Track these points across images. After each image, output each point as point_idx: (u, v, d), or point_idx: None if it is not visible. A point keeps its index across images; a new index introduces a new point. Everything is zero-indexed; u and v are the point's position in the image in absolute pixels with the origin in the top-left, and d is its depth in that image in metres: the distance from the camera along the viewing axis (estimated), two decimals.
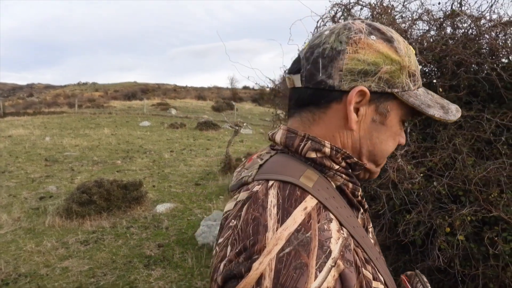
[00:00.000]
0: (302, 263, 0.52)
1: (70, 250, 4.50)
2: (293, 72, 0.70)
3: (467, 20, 2.25)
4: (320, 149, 0.67)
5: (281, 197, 0.59)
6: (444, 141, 2.13)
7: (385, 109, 0.68)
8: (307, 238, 0.54)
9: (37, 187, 7.30)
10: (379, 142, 0.70)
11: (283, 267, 0.52)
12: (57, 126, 16.97)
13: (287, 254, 0.53)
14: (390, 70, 0.65)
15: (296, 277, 0.51)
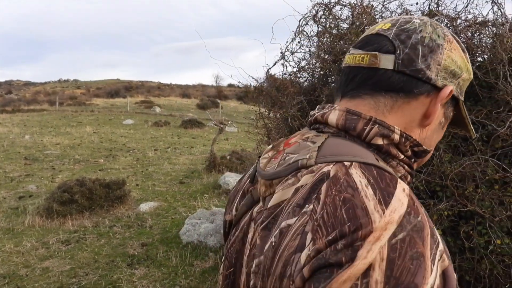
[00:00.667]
0: (419, 253, 0.45)
1: (50, 250, 4.42)
2: (383, 51, 0.61)
3: (444, 20, 2.30)
4: (389, 135, 0.61)
5: (371, 177, 0.52)
6: None
7: (449, 114, 0.67)
8: (420, 223, 0.47)
9: (16, 186, 7.14)
10: (433, 144, 0.68)
11: (397, 257, 0.44)
12: (37, 124, 16.63)
13: (400, 241, 0.45)
14: (465, 78, 0.65)
15: (414, 269, 0.43)
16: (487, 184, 2.06)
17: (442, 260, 0.47)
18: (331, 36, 2.57)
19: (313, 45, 2.73)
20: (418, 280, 0.43)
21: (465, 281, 2.11)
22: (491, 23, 2.18)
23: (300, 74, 2.80)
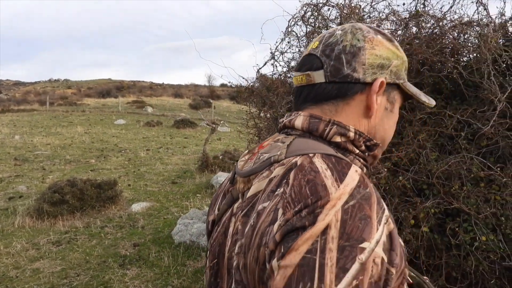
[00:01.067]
0: (366, 215, 0.55)
1: (41, 251, 4.39)
2: (313, 69, 0.74)
3: (430, 20, 2.34)
4: (346, 133, 0.72)
5: (330, 163, 0.63)
6: (410, 137, 2.21)
7: (393, 98, 0.77)
8: (367, 193, 0.58)
9: (6, 187, 7.07)
10: (389, 128, 0.78)
11: (349, 218, 0.55)
12: (27, 124, 16.46)
13: (351, 206, 0.56)
14: (397, 64, 0.75)
15: (362, 227, 0.54)
16: (473, 182, 2.10)
17: (388, 224, 0.58)
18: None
19: (303, 45, 2.75)
20: (365, 235, 0.54)
21: (452, 278, 2.15)
22: (476, 23, 2.22)
23: (290, 74, 2.82)
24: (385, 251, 0.55)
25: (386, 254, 0.55)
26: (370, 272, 0.53)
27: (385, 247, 0.56)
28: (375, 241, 0.54)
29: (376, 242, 0.54)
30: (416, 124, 2.22)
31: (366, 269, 0.53)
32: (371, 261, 0.53)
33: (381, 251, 0.55)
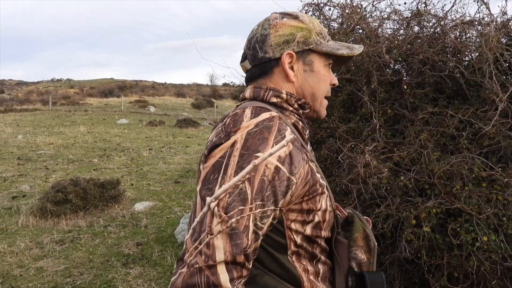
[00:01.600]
0: (264, 137, 0.80)
1: (45, 250, 4.41)
2: (243, 60, 1.01)
3: (432, 19, 2.34)
4: (279, 95, 0.95)
5: (254, 110, 0.86)
6: (411, 137, 2.21)
7: (309, 60, 0.97)
8: (270, 124, 0.82)
9: (9, 187, 7.10)
10: (314, 84, 0.98)
11: (250, 137, 0.79)
12: (30, 123, 16.52)
13: (254, 131, 0.80)
14: (302, 35, 0.95)
15: (258, 143, 0.79)
16: (474, 182, 2.10)
17: (288, 146, 0.81)
18: None
19: None
20: (260, 148, 0.78)
21: (454, 278, 2.15)
22: (477, 22, 2.22)
23: None
24: (283, 163, 0.79)
25: (283, 165, 0.79)
26: (262, 172, 0.77)
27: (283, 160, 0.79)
28: (268, 153, 0.78)
29: (270, 154, 0.78)
30: (417, 124, 2.22)
31: (258, 169, 0.77)
32: (263, 165, 0.77)
33: (274, 161, 0.78)
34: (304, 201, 0.87)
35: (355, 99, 2.54)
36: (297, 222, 0.88)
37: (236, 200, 0.75)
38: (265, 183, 0.77)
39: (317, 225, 0.91)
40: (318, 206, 0.89)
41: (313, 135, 2.65)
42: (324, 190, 0.91)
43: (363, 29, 2.58)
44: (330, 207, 0.94)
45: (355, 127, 2.43)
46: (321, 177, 0.93)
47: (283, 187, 0.79)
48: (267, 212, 0.78)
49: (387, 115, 2.39)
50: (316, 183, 0.88)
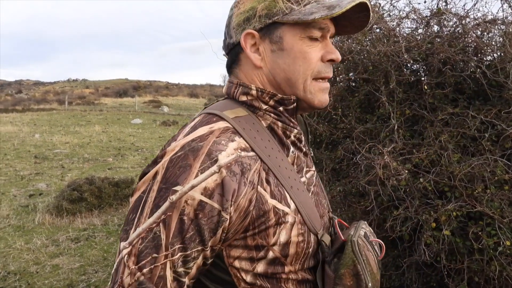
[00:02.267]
0: (187, 164, 0.66)
1: (60, 248, 4.47)
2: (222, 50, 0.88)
3: (453, 18, 2.29)
4: (249, 92, 0.78)
5: (199, 121, 0.74)
6: (431, 138, 2.16)
7: (277, 37, 0.77)
8: (198, 146, 0.67)
9: (27, 185, 7.23)
10: (287, 66, 0.77)
11: (171, 166, 0.67)
12: (47, 123, 16.81)
13: (177, 156, 0.67)
14: (265, 6, 0.76)
15: (179, 173, 0.65)
16: (497, 185, 2.04)
17: (221, 173, 0.66)
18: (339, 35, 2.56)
19: None
20: (180, 180, 0.65)
21: (474, 283, 2.09)
22: (500, 21, 2.16)
23: None
24: (210, 196, 0.65)
25: (211, 198, 0.65)
26: (181, 210, 0.64)
27: (210, 192, 0.65)
28: (189, 186, 0.64)
29: (191, 187, 0.64)
30: (437, 125, 2.17)
31: (176, 207, 0.64)
32: (183, 201, 0.64)
33: (197, 195, 0.64)
34: (248, 237, 0.70)
35: (372, 99, 2.50)
36: (242, 259, 0.72)
37: (150, 246, 0.64)
38: (185, 224, 0.64)
39: (275, 261, 0.73)
40: (272, 240, 0.71)
41: (329, 136, 2.62)
42: (285, 219, 0.72)
43: (380, 29, 2.54)
44: (302, 237, 0.74)
45: (372, 128, 2.39)
46: (285, 202, 0.73)
47: (211, 224, 0.65)
48: (191, 255, 0.66)
49: (405, 116, 2.35)
50: (266, 213, 0.70)
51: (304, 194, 0.77)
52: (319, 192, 0.85)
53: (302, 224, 0.74)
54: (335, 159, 2.57)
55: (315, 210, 0.79)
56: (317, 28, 0.76)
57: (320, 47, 0.78)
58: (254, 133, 0.74)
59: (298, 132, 0.80)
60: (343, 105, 2.54)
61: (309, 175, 0.84)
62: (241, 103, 0.79)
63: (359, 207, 2.33)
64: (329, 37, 0.80)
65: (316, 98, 0.79)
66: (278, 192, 0.72)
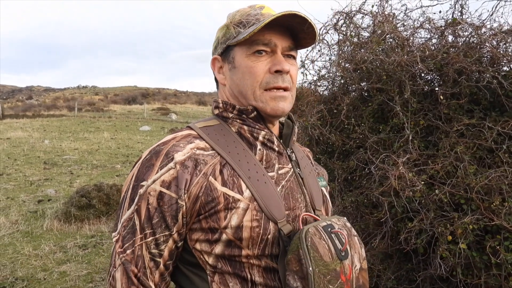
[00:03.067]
0: (151, 164, 0.81)
1: (68, 254, 4.47)
2: None
3: (468, 28, 2.26)
4: (218, 106, 0.95)
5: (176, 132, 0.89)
6: (446, 149, 2.13)
7: (231, 57, 0.92)
8: (160, 148, 0.83)
9: (36, 190, 7.27)
10: (239, 80, 0.90)
11: (141, 167, 0.83)
12: (57, 129, 16.96)
13: (145, 159, 0.83)
14: (221, 34, 0.93)
15: (145, 172, 0.81)
16: None
17: (175, 168, 0.80)
18: (352, 45, 2.55)
19: (334, 53, 2.72)
20: (146, 177, 0.80)
21: None
22: None
23: (320, 83, 2.79)
24: (168, 187, 0.79)
25: (169, 189, 0.79)
26: (147, 201, 0.79)
27: (168, 184, 0.79)
28: (151, 180, 0.79)
29: (153, 181, 0.79)
30: (453, 136, 2.14)
31: (144, 198, 0.80)
32: (147, 193, 0.79)
33: (157, 186, 0.79)
34: (202, 220, 0.81)
35: (385, 109, 2.47)
36: (202, 241, 0.83)
37: (130, 232, 0.80)
38: (151, 211, 0.79)
39: (230, 243, 0.81)
40: (223, 223, 0.80)
41: (341, 145, 2.59)
42: (236, 204, 0.81)
43: (393, 39, 2.52)
44: (257, 222, 0.81)
45: (386, 138, 2.36)
46: (238, 190, 0.82)
47: (172, 211, 0.79)
48: (160, 239, 0.80)
49: (419, 126, 2.31)
50: (216, 199, 0.80)
51: (266, 185, 0.85)
52: (293, 187, 0.91)
53: (257, 211, 0.82)
54: (348, 169, 2.54)
55: (279, 201, 0.86)
56: (260, 44, 0.87)
57: (268, 61, 0.88)
58: (219, 136, 0.88)
59: (266, 134, 0.91)
60: (355, 115, 2.51)
61: (282, 171, 0.92)
62: (216, 115, 0.95)
63: (371, 218, 2.29)
64: (287, 50, 0.90)
65: (268, 106, 0.89)
66: (231, 181, 0.83)
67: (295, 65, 0.94)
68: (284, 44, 0.89)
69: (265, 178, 0.86)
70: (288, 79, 0.90)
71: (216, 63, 0.96)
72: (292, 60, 0.92)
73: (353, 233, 0.91)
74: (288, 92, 0.91)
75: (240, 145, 0.88)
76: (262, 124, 0.91)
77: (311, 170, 1.03)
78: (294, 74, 0.92)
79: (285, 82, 0.89)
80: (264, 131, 0.91)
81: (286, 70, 0.88)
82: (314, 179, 1.02)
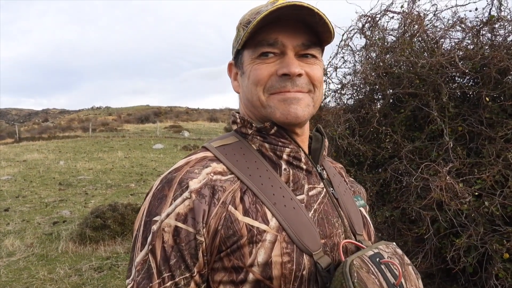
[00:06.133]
0: (164, 195, 0.70)
1: (83, 278, 4.32)
2: None
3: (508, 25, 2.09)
4: (235, 121, 0.83)
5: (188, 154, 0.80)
6: (492, 157, 1.93)
7: (240, 62, 0.82)
8: (173, 176, 0.72)
9: (51, 212, 7.19)
10: (246, 87, 0.80)
11: (152, 199, 0.71)
12: (71, 150, 17.08)
13: (157, 189, 0.72)
14: (235, 38, 0.83)
15: (157, 205, 0.70)
16: None
17: (191, 198, 0.68)
18: (379, 49, 2.39)
19: (358, 60, 2.56)
20: (159, 210, 0.69)
21: None
22: None
23: (345, 91, 2.63)
24: (184, 221, 0.67)
25: (185, 223, 0.67)
26: (162, 238, 0.67)
27: (184, 217, 0.67)
28: (165, 214, 0.68)
29: (167, 215, 0.68)
30: (499, 142, 1.94)
31: (158, 236, 0.67)
32: (162, 230, 0.67)
33: (172, 221, 0.67)
34: (224, 258, 0.69)
35: (419, 115, 2.29)
36: (226, 283, 0.69)
37: (145, 277, 0.68)
38: (168, 251, 0.67)
39: (259, 284, 0.68)
40: (248, 261, 0.67)
41: (371, 155, 2.41)
42: (262, 236, 0.68)
43: (424, 41, 2.36)
44: (288, 257, 0.68)
45: (422, 146, 2.17)
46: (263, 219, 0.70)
47: (190, 248, 0.67)
48: (181, 283, 0.68)
49: (458, 133, 2.13)
50: (237, 231, 0.68)
51: (295, 211, 0.73)
52: (328, 210, 0.79)
53: (287, 242, 0.69)
54: (379, 182, 2.35)
55: (312, 229, 0.73)
56: (265, 45, 0.75)
57: (275, 63, 0.76)
58: (238, 156, 0.77)
59: (292, 151, 0.78)
60: (386, 123, 2.33)
61: (313, 192, 0.79)
62: (235, 131, 0.83)
63: (411, 235, 2.09)
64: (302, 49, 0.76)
65: (277, 111, 0.76)
66: (254, 209, 0.70)
67: (316, 64, 0.78)
68: (296, 42, 0.75)
69: (294, 202, 0.74)
70: (303, 81, 0.76)
71: (232, 69, 0.86)
72: (311, 60, 0.78)
73: (406, 262, 0.76)
74: (305, 94, 0.77)
75: (262, 165, 0.76)
76: (287, 139, 0.79)
77: (346, 188, 0.90)
78: (314, 74, 0.77)
79: (296, 86, 0.75)
80: (289, 147, 0.78)
81: (294, 73, 0.74)
82: (351, 199, 0.88)
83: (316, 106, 0.81)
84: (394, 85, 2.24)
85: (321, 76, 0.80)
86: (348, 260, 0.67)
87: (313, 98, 0.79)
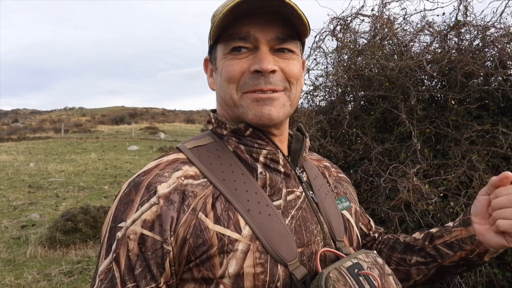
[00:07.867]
0: (130, 199, 0.66)
1: (52, 283, 4.19)
2: None
3: (474, 30, 2.16)
4: (210, 120, 0.80)
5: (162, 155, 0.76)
6: (457, 158, 1.99)
7: (214, 58, 0.78)
8: (140, 180, 0.68)
9: (19, 215, 6.95)
10: (219, 85, 0.76)
11: (119, 204, 0.67)
12: (42, 151, 16.57)
13: (124, 194, 0.68)
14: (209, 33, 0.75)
15: (123, 210, 0.66)
16: None
17: (159, 203, 0.65)
18: (350, 51, 2.43)
19: (330, 62, 2.59)
20: (124, 216, 0.65)
21: None
22: None
23: (317, 93, 2.65)
24: (151, 228, 0.63)
25: (152, 230, 0.63)
26: (127, 246, 0.63)
27: (150, 224, 0.63)
28: (131, 220, 0.64)
29: (133, 221, 0.64)
30: (464, 143, 2.00)
31: (123, 243, 0.63)
32: (126, 237, 0.63)
33: (138, 228, 0.63)
34: (193, 268, 0.65)
35: (389, 117, 2.33)
36: None
37: (109, 287, 0.63)
38: (132, 259, 0.63)
39: None
40: (218, 272, 0.64)
41: (342, 157, 2.43)
42: (233, 246, 0.64)
43: (394, 44, 2.41)
44: (261, 267, 0.65)
45: (391, 148, 2.21)
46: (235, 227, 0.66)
47: (157, 258, 0.63)
48: None
49: (426, 135, 2.18)
50: (207, 241, 0.64)
51: (270, 218, 0.69)
52: (306, 217, 0.75)
53: (261, 252, 0.66)
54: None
55: (288, 237, 0.69)
56: (237, 39, 0.70)
57: (248, 59, 0.71)
58: (212, 159, 0.73)
59: (269, 153, 0.74)
60: (357, 124, 2.37)
61: (291, 197, 0.75)
62: (211, 131, 0.80)
63: None
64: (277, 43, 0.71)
65: (250, 112, 0.71)
66: (226, 217, 0.67)
67: (293, 59, 0.74)
68: (270, 36, 0.70)
69: (270, 209, 0.70)
70: (277, 78, 0.71)
71: (208, 65, 0.82)
72: (288, 54, 0.73)
73: (387, 272, 0.73)
74: (280, 93, 0.72)
75: (238, 169, 0.72)
76: (264, 140, 0.74)
77: (327, 191, 0.85)
78: (290, 70, 0.73)
79: (269, 83, 0.70)
80: (265, 149, 0.74)
81: (266, 70, 0.69)
82: (332, 202, 0.84)
83: (294, 105, 0.76)
84: (365, 88, 2.28)
85: (298, 72, 0.75)
86: (324, 273, 0.65)
87: (290, 96, 0.74)
